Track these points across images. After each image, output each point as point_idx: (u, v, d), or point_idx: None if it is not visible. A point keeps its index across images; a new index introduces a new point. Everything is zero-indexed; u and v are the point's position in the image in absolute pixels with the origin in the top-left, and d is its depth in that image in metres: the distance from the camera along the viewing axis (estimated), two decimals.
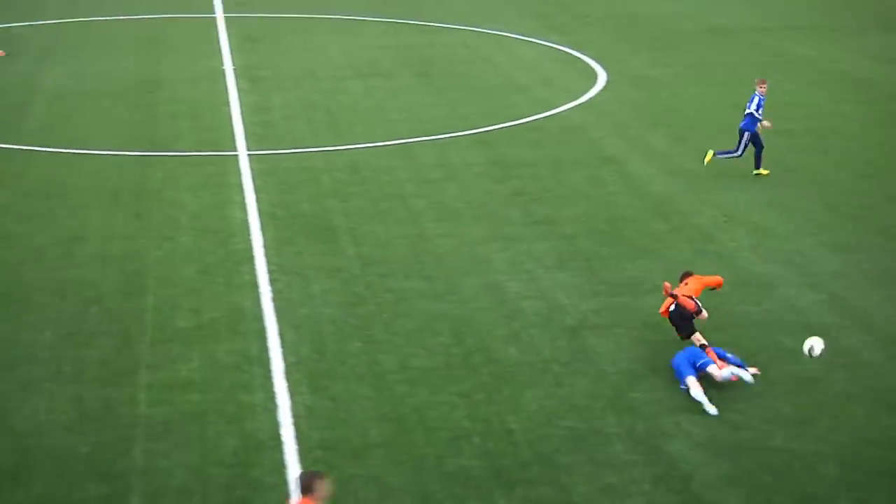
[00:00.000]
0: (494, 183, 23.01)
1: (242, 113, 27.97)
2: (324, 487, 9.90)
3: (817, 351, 14.03)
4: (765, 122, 22.37)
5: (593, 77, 31.78)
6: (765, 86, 22.39)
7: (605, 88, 30.52)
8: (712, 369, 14.27)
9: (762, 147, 22.51)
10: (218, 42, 36.48)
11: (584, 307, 17.01)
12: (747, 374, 14.36)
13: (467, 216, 21.08)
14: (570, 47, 35.66)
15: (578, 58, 34.32)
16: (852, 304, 16.82)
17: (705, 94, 29.61)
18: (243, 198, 21.89)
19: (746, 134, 22.29)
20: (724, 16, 40.19)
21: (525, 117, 27.74)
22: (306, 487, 9.94)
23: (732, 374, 14.25)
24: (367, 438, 13.53)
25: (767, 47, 34.92)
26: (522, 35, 37.90)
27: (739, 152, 22.48)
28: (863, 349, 15.35)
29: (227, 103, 28.88)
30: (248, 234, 20.00)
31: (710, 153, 22.59)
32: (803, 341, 14.27)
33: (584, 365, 15.27)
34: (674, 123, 26.93)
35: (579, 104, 29.01)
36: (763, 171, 22.58)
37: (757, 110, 22.19)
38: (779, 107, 27.92)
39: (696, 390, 14.11)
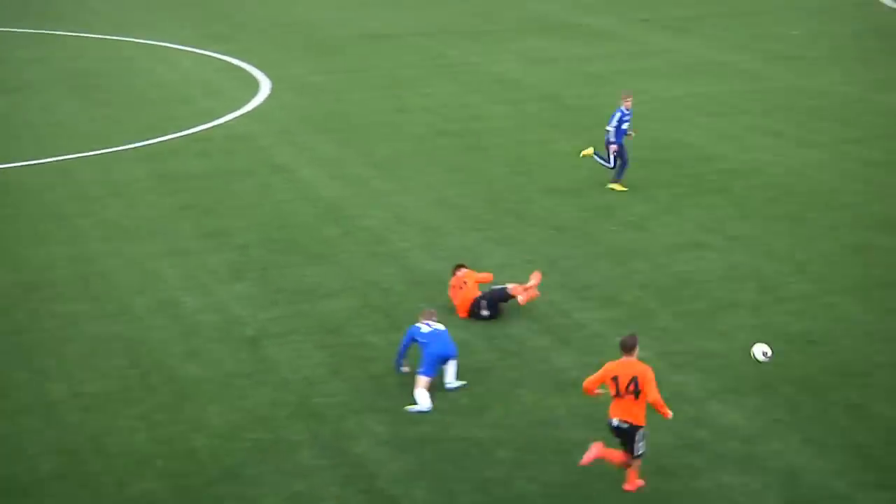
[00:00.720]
0: (162, 197, 22.41)
1: None
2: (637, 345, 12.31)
3: (763, 352, 13.95)
4: (630, 132, 22.20)
5: (257, 85, 31.66)
6: (629, 100, 22.12)
7: (269, 96, 30.48)
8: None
9: (626, 163, 22.15)
10: None
11: (263, 317, 16.92)
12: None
13: (136, 233, 20.40)
14: (230, 56, 35.31)
15: (240, 66, 34.06)
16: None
17: (368, 99, 30.27)
18: None
19: (612, 147, 22.02)
20: (382, 21, 41.24)
21: (190, 128, 27.20)
22: (631, 347, 12.29)
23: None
24: (38, 473, 12.78)
25: (426, 51, 36.21)
26: (181, 45, 37.11)
27: (611, 164, 22.15)
28: (529, 336, 16.26)
29: None
30: None
31: (591, 150, 22.24)
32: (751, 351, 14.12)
33: (267, 375, 15.19)
34: (339, 129, 27.34)
35: (245, 113, 28.81)
36: (617, 187, 21.99)
37: (619, 125, 21.89)
38: (438, 109, 29.07)
39: (420, 391, 14.20)
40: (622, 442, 12.33)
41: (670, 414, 12.43)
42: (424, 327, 14.81)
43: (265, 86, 31.58)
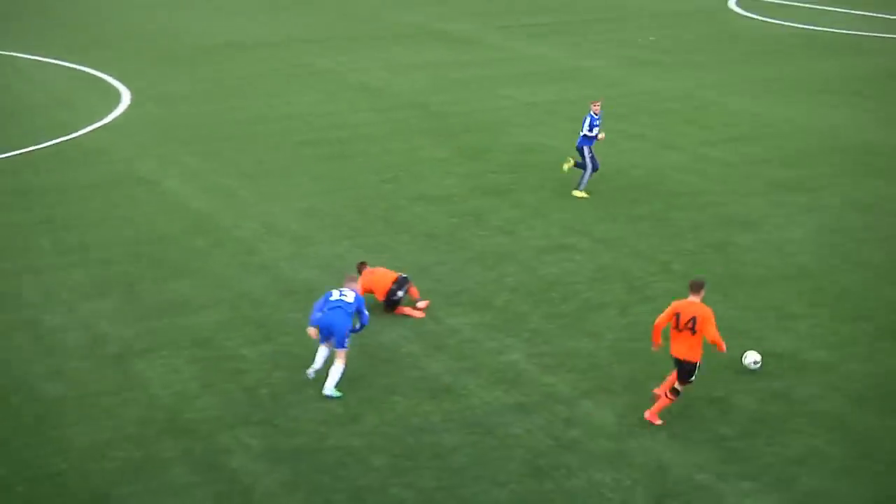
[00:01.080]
0: (19, 212, 21.68)
1: None
2: (704, 288, 13.82)
3: (753, 360, 15.19)
4: (599, 136, 22.31)
5: (116, 97, 30.91)
6: (597, 105, 22.28)
7: (130, 108, 29.79)
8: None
9: (596, 168, 22.31)
10: None
11: (129, 333, 16.51)
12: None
13: None
14: (88, 67, 34.39)
15: (98, 77, 33.19)
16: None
17: (232, 108, 29.86)
18: None
19: (586, 149, 22.18)
20: (244, 31, 40.78)
21: (46, 141, 26.38)
22: (698, 288, 13.73)
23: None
24: None
25: (289, 60, 35.92)
26: (34, 55, 35.98)
27: (590, 167, 22.19)
28: (402, 343, 16.27)
29: None
30: None
31: (570, 162, 22.42)
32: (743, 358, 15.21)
33: (135, 392, 14.82)
34: (204, 139, 26.91)
35: (105, 125, 28.09)
36: (583, 195, 22.18)
37: (590, 130, 22.05)
38: (304, 117, 28.89)
39: (321, 352, 14.88)
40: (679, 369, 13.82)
41: (723, 346, 13.75)
42: (335, 294, 14.93)
43: (125, 97, 30.86)
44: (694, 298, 13.72)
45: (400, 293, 17.10)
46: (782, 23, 41.07)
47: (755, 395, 14.63)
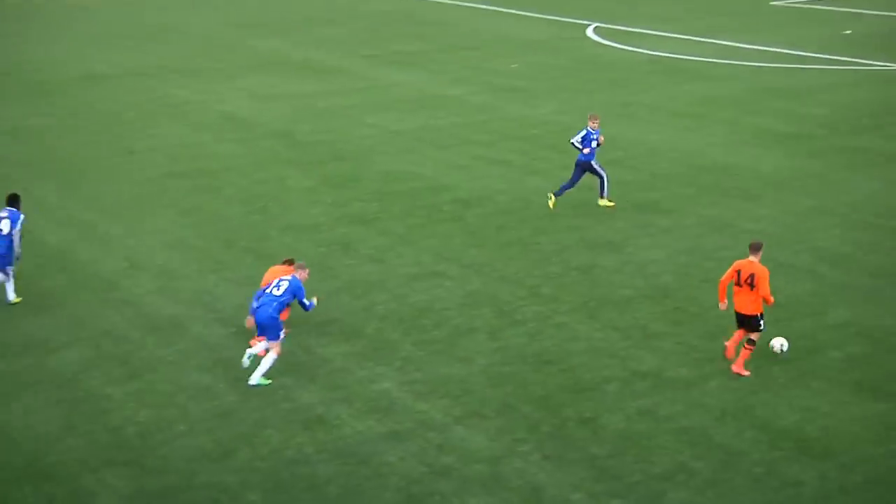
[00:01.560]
0: None
1: None
2: (762, 249, 15.72)
3: (780, 345, 16.20)
4: (600, 139, 23.16)
5: None
6: (597, 121, 23.07)
7: None
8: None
9: (602, 178, 23.19)
10: None
11: None
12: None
13: None
14: None
15: None
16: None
17: (92, 142, 29.14)
18: None
19: (593, 162, 22.98)
20: (102, 62, 39.90)
21: None
22: (757, 248, 15.64)
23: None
24: None
25: (150, 91, 35.28)
26: None
27: (604, 175, 23.17)
28: (273, 374, 16.02)
29: None
30: None
31: (552, 198, 23.03)
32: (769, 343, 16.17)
33: None
34: (62, 173, 26.16)
35: None
36: (609, 203, 23.29)
37: (581, 142, 22.85)
38: (167, 149, 28.37)
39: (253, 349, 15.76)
40: (742, 324, 15.70)
41: (772, 301, 15.62)
42: (272, 288, 15.82)
43: None
44: (753, 258, 15.54)
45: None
46: (637, 50, 42.30)
47: (624, 413, 14.92)
